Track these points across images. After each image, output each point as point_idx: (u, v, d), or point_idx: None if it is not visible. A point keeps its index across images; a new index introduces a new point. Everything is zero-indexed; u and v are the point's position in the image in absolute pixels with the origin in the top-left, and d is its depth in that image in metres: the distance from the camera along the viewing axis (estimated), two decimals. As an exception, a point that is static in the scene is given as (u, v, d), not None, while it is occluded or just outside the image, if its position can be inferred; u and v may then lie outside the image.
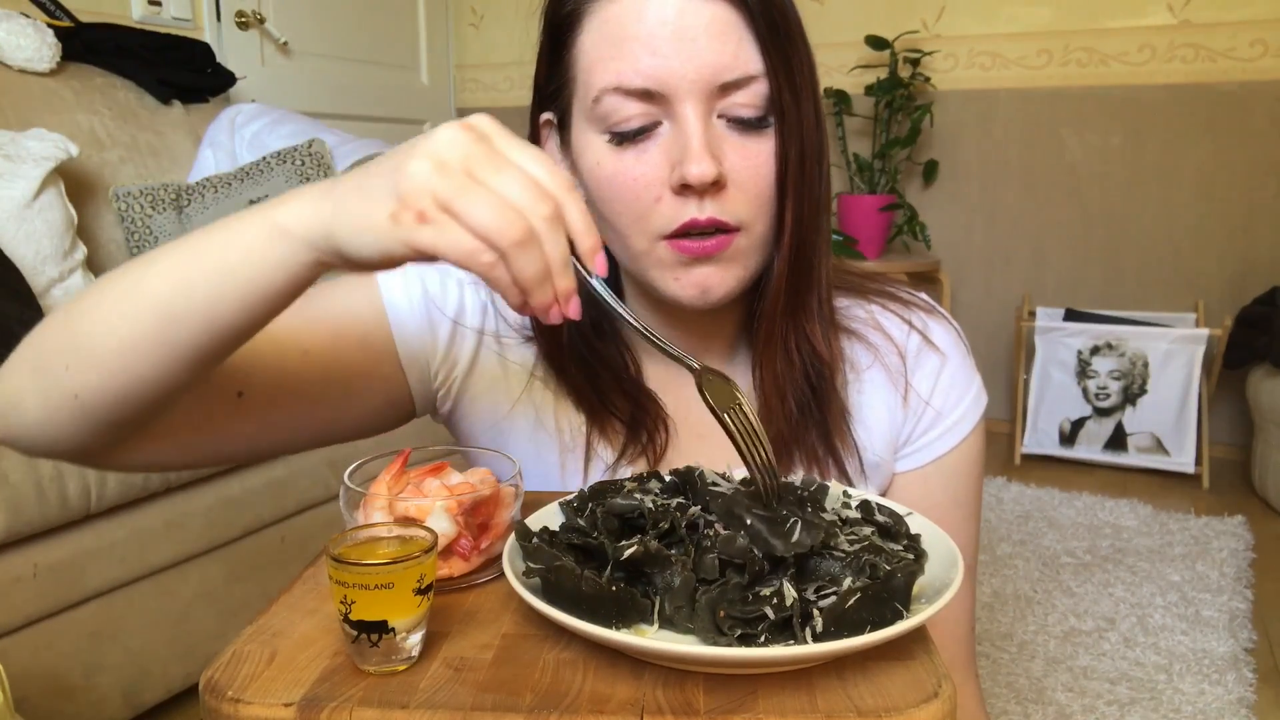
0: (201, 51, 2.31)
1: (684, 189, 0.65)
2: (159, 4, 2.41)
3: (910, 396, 0.78)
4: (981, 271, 3.14)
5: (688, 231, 0.66)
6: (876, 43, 2.94)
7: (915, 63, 2.95)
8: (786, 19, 0.67)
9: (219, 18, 2.60)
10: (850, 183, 3.08)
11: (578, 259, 0.51)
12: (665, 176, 0.66)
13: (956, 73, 3.05)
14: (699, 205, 0.66)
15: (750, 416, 0.58)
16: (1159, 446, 2.75)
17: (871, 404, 0.78)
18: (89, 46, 2.09)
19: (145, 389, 0.57)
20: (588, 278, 0.52)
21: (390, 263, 0.51)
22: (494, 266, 0.48)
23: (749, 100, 0.66)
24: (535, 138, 0.76)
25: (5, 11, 1.91)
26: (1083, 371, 2.83)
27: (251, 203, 2.06)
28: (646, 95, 0.65)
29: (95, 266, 1.86)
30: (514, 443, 0.78)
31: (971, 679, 0.82)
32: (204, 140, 2.22)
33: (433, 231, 0.48)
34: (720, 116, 0.66)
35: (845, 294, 0.80)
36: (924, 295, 0.83)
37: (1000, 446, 2.98)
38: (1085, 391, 2.83)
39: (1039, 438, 2.90)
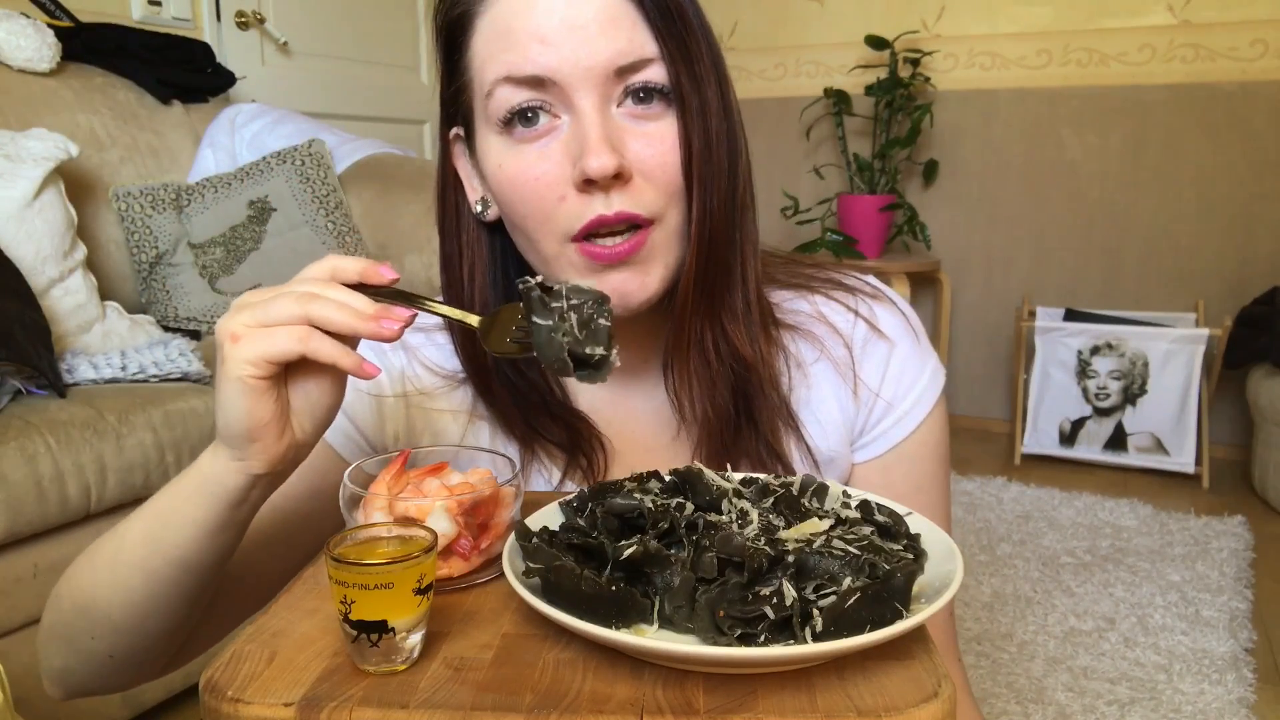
0: (201, 51, 2.31)
1: (587, 184, 0.63)
2: (159, 4, 2.41)
3: (860, 388, 0.76)
4: (981, 271, 3.14)
5: (596, 231, 0.64)
6: (876, 43, 2.94)
7: (915, 63, 2.95)
8: (680, 5, 0.65)
9: (219, 18, 2.60)
10: (850, 183, 3.08)
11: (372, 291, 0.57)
12: (568, 174, 0.64)
13: (956, 73, 3.05)
14: (605, 200, 0.64)
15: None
16: (1159, 446, 2.75)
17: (821, 399, 0.76)
18: (89, 46, 2.08)
19: (166, 629, 0.64)
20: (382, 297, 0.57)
21: (268, 414, 0.55)
22: (310, 337, 0.54)
23: (645, 84, 0.64)
24: (446, 155, 0.74)
25: (5, 11, 1.91)
26: (1083, 371, 2.83)
27: (251, 204, 2.06)
28: (538, 83, 0.64)
29: (95, 266, 1.85)
30: None
31: (955, 661, 0.81)
32: (204, 140, 2.23)
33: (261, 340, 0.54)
34: (619, 106, 0.65)
35: (788, 289, 0.78)
36: (871, 279, 0.81)
37: (1000, 446, 2.98)
38: (1085, 391, 2.83)
39: (1039, 438, 2.90)
